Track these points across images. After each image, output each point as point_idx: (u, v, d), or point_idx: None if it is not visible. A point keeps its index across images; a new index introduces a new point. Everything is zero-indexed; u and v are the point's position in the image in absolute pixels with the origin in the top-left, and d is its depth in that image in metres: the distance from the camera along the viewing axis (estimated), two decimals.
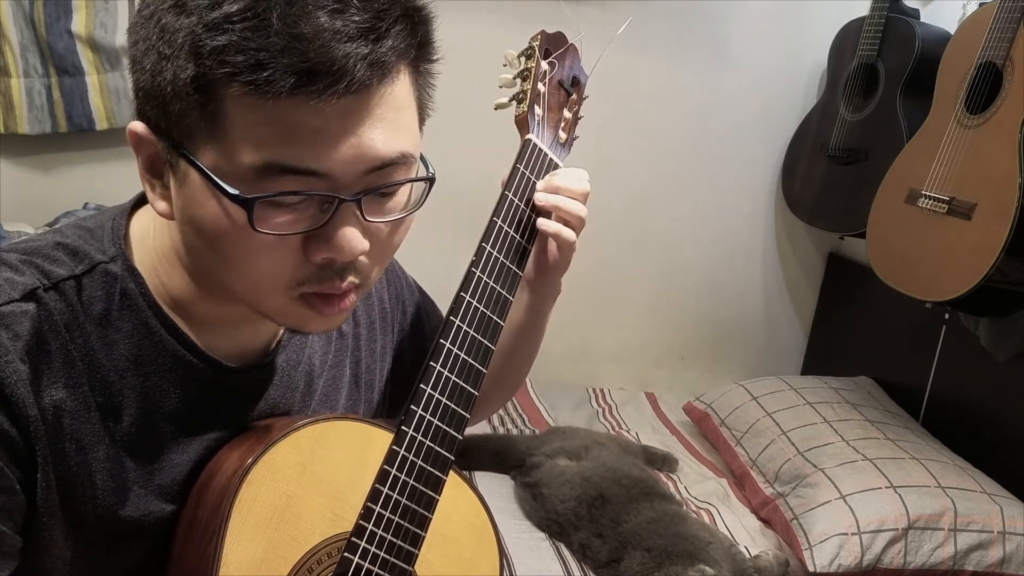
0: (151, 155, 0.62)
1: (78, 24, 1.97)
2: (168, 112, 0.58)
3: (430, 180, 0.66)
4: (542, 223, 0.82)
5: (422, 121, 0.66)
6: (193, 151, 0.58)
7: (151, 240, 0.69)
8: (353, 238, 0.61)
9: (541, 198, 0.82)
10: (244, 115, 0.56)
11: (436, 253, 1.74)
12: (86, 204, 2.03)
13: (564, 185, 0.83)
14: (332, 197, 0.59)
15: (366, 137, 0.59)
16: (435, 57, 0.65)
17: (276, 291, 0.63)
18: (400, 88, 0.61)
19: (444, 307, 0.80)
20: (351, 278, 0.64)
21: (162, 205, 0.63)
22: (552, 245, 0.85)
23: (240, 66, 0.54)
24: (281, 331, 0.77)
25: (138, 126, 0.61)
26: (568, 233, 0.83)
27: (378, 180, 0.61)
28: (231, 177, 0.57)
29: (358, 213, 0.61)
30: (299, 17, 0.54)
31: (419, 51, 0.62)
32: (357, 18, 0.56)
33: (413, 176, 0.64)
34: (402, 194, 0.65)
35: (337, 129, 0.57)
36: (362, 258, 0.64)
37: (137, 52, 0.59)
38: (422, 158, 0.67)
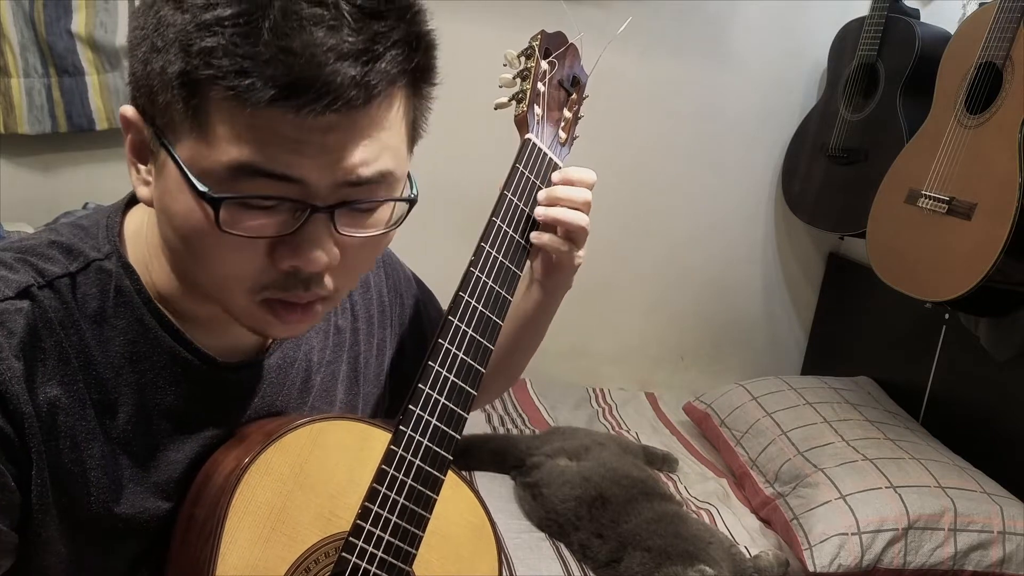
0: (138, 140, 0.63)
1: (78, 24, 1.97)
2: (154, 101, 0.58)
3: (411, 201, 0.65)
4: (535, 236, 0.82)
5: (412, 141, 0.65)
6: (173, 142, 0.59)
7: (144, 235, 0.69)
8: (321, 251, 0.60)
9: (541, 213, 0.81)
10: (224, 116, 0.56)
11: (435, 253, 1.74)
12: (86, 204, 2.02)
13: (565, 196, 0.82)
14: (305, 205, 0.58)
15: (346, 152, 0.58)
16: (434, 81, 0.64)
17: (240, 292, 0.62)
18: (391, 110, 0.60)
19: (443, 308, 0.80)
20: (316, 289, 0.63)
21: (144, 190, 0.64)
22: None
23: (224, 70, 0.54)
24: None
25: (128, 110, 0.62)
26: (560, 244, 0.83)
27: (355, 195, 0.60)
28: (206, 173, 0.57)
29: (331, 225, 0.60)
30: (291, 30, 0.54)
31: (414, 75, 0.61)
32: (351, 39, 0.55)
33: (396, 196, 0.63)
34: (383, 212, 0.64)
35: (316, 142, 0.56)
36: (330, 275, 0.63)
37: (134, 39, 0.59)
38: (409, 177, 0.66)
